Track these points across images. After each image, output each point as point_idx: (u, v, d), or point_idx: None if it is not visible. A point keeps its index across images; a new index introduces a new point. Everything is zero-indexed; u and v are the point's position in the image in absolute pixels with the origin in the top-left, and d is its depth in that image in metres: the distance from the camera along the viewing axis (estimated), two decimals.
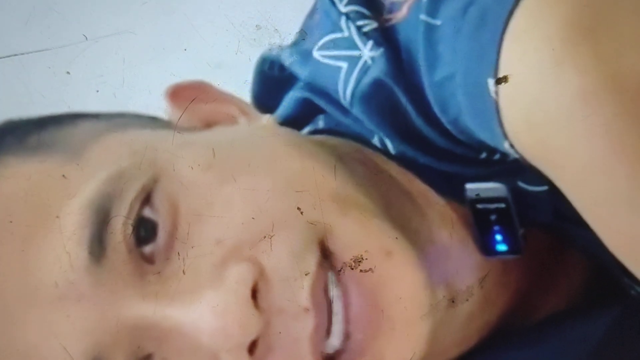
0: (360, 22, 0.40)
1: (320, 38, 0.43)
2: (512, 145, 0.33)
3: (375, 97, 0.39)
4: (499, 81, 0.32)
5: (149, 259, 0.37)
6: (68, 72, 0.61)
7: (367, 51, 0.39)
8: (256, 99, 0.50)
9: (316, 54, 0.42)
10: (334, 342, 0.37)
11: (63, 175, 0.38)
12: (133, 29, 0.60)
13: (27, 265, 0.37)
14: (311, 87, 0.43)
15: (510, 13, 0.32)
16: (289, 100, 0.46)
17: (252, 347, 0.36)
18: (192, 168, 0.38)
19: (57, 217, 0.37)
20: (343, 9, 0.41)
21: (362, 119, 0.40)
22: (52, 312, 0.36)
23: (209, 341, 0.35)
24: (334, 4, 0.41)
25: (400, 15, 0.38)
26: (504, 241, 0.40)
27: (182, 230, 0.37)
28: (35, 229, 0.38)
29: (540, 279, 0.43)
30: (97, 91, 0.62)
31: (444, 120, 0.37)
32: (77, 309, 0.36)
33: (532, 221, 0.40)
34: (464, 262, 0.40)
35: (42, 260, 0.37)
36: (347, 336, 0.36)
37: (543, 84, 0.31)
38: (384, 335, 0.36)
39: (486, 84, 0.33)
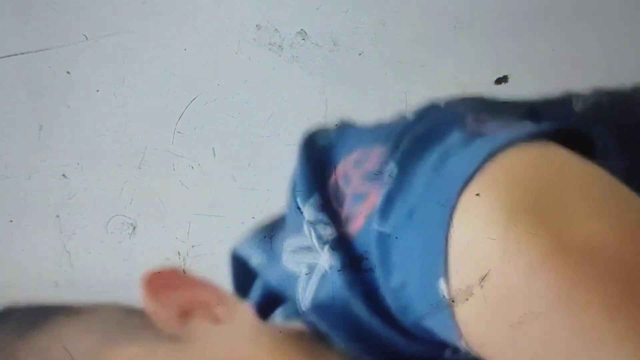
0: (320, 229, 0.41)
1: (287, 239, 0.44)
2: (466, 343, 0.34)
3: (332, 310, 0.40)
4: (499, 81, 0.33)
5: None
6: (68, 72, 0.61)
7: (326, 259, 0.40)
8: (234, 283, 0.51)
9: (282, 256, 0.44)
10: None
11: None
12: (133, 29, 0.60)
13: None
14: (276, 286, 0.45)
15: (452, 214, 0.33)
16: (259, 288, 0.47)
17: None
18: None
19: None
20: (306, 215, 0.42)
21: (320, 327, 0.41)
22: None
23: None
24: (299, 209, 0.43)
25: (357, 224, 0.39)
26: None
27: None
28: None
29: None
30: (97, 91, 0.62)
31: (406, 324, 0.38)
32: None
33: None
34: None
35: None
36: None
37: (503, 313, 0.32)
38: None
39: (437, 285, 0.34)
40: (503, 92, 0.65)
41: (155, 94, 0.61)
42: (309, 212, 0.42)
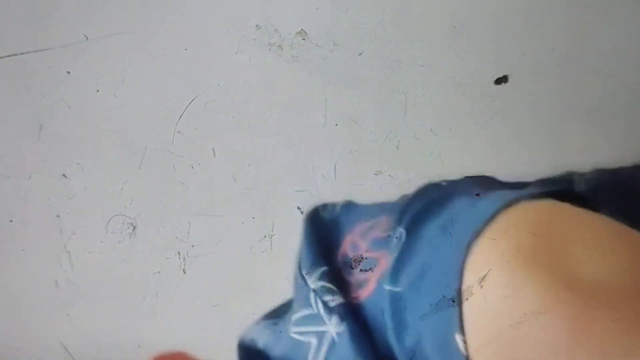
0: (326, 298, 0.42)
1: (295, 314, 0.44)
2: None
3: None
4: (498, 81, 0.33)
5: None
6: (68, 72, 0.61)
7: (333, 327, 0.41)
8: None
9: (290, 330, 0.44)
10: None
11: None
12: (133, 29, 0.60)
13: None
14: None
15: (463, 269, 0.34)
16: None
17: None
18: None
19: None
20: (312, 284, 0.43)
21: None
22: None
23: None
24: (305, 280, 0.43)
25: (368, 289, 0.40)
26: None
27: None
28: None
29: None
30: (97, 91, 0.62)
31: None
32: None
33: None
34: None
35: None
36: None
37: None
38: None
39: (454, 340, 0.34)
40: (503, 92, 0.65)
41: (155, 94, 0.61)
42: (314, 282, 0.43)
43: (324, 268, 0.42)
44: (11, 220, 0.64)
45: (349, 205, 0.47)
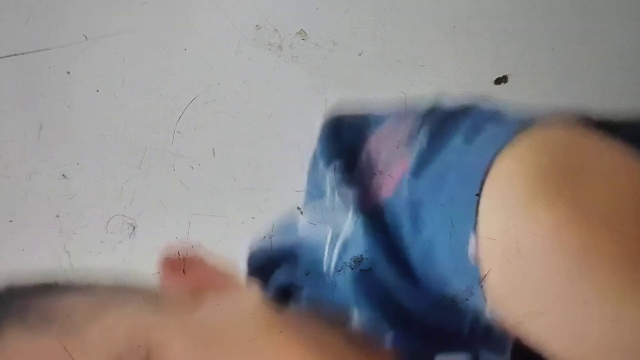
0: (342, 189, 0.41)
1: (308, 202, 0.44)
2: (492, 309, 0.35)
3: (355, 271, 0.40)
4: (498, 81, 0.33)
5: None
6: (68, 72, 0.61)
7: (349, 220, 0.40)
8: (250, 270, 0.51)
9: (304, 219, 0.44)
10: None
11: (65, 349, 0.40)
12: (133, 29, 0.60)
13: None
14: (296, 256, 0.44)
15: (484, 178, 0.34)
16: (275, 280, 0.47)
17: None
18: (180, 352, 0.40)
19: None
20: (329, 178, 0.42)
21: (342, 289, 0.41)
22: None
23: None
24: (318, 168, 0.43)
25: (388, 188, 0.40)
26: None
27: None
28: None
29: None
30: (97, 91, 0.62)
31: (432, 290, 0.38)
32: None
33: None
34: None
35: None
36: None
37: (517, 234, 0.33)
38: None
39: (467, 243, 0.34)
40: (503, 92, 0.65)
41: (155, 94, 0.61)
42: (332, 175, 0.42)
43: (343, 163, 0.42)
44: (11, 220, 0.64)
45: (368, 114, 0.46)
